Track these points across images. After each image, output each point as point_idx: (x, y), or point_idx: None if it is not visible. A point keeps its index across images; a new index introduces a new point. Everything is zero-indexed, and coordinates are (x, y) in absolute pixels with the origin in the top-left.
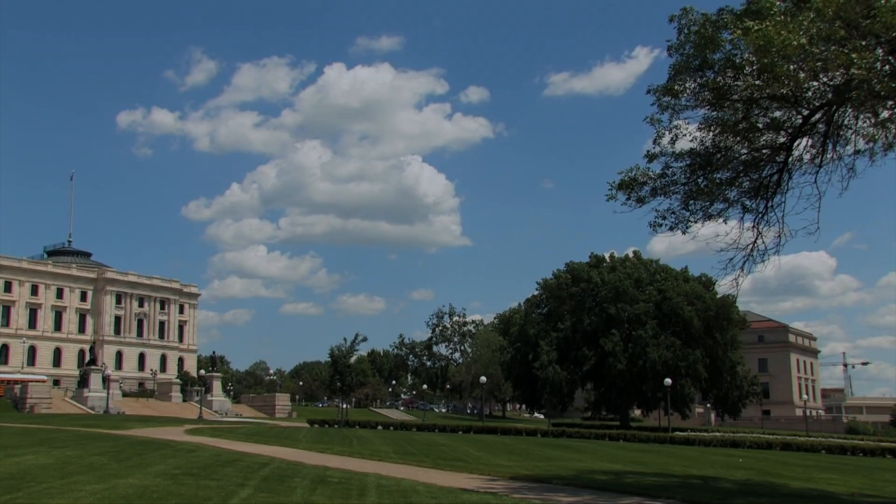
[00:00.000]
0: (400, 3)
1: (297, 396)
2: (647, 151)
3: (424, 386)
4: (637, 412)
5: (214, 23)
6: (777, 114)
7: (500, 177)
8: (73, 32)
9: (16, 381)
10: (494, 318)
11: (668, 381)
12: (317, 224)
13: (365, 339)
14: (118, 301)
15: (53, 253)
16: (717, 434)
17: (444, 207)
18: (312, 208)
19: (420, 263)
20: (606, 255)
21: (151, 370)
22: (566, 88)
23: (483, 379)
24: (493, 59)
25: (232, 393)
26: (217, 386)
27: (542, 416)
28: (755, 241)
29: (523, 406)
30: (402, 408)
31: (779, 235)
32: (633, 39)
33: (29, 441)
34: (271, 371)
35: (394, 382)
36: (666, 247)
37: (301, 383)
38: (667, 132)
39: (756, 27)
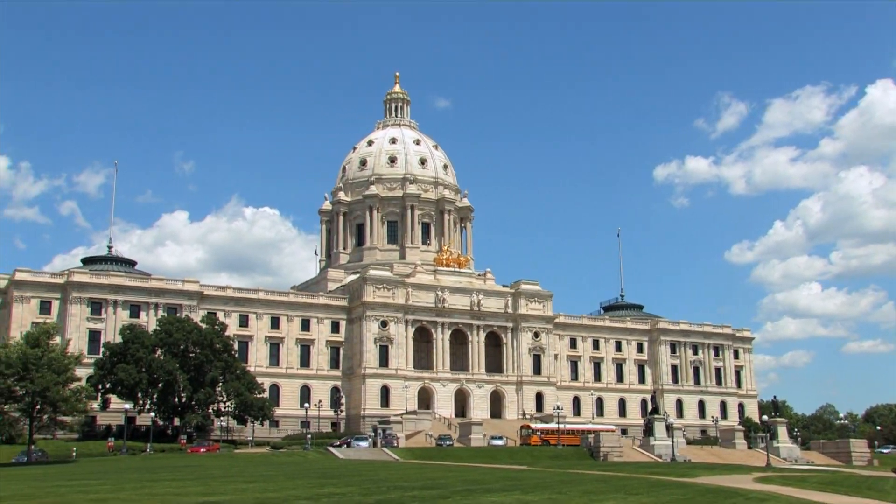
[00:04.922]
0: None
1: (876, 441)
2: None
3: None
4: None
5: (741, 64)
6: None
7: None
8: (605, 98)
9: (589, 431)
10: None
11: None
12: (874, 254)
13: None
14: (672, 350)
15: (608, 308)
16: None
17: None
18: (867, 238)
19: None
20: None
21: (712, 417)
22: None
23: None
24: None
25: (799, 439)
26: (782, 432)
27: None
28: None
29: None
30: None
31: None
32: None
33: (606, 488)
34: (841, 415)
35: None
36: None
37: (879, 427)
38: None
39: None
